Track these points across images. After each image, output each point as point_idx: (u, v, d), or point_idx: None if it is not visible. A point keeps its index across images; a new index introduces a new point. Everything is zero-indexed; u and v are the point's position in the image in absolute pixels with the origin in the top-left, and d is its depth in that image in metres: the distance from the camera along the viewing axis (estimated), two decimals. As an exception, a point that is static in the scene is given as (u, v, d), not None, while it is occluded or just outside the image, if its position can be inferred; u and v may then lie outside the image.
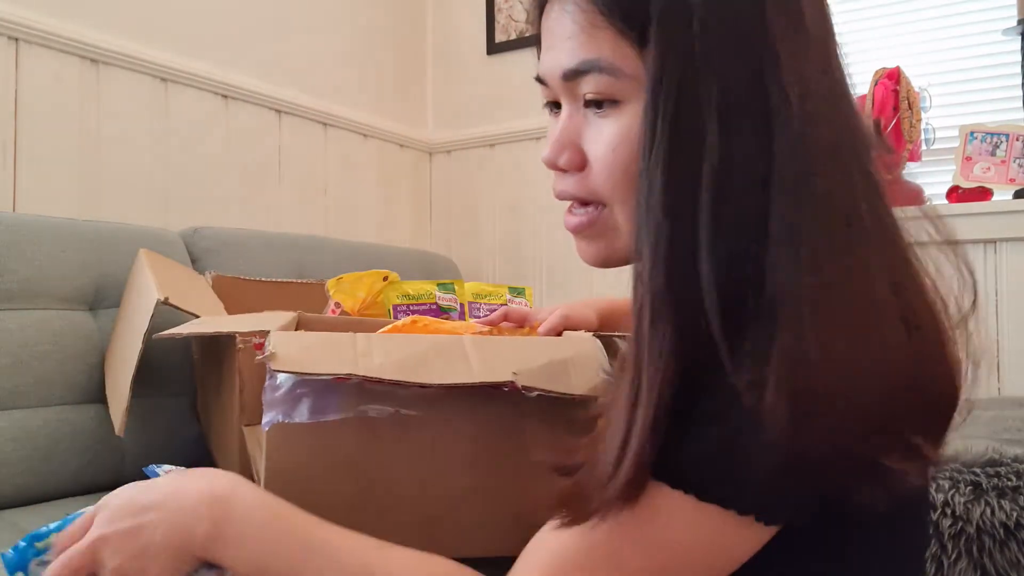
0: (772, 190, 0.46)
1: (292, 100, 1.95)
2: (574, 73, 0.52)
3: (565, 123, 0.55)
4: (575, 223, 0.57)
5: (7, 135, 1.39)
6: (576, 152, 0.54)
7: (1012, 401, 1.46)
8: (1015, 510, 0.99)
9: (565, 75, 0.53)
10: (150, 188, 1.63)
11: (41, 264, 1.17)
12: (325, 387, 0.72)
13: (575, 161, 0.54)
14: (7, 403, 1.09)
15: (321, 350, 0.70)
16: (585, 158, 0.54)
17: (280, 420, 0.71)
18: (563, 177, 0.56)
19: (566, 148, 0.55)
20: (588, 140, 0.54)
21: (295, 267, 1.59)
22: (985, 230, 1.71)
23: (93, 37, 1.51)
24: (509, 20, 2.36)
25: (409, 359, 0.71)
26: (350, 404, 0.73)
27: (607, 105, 0.52)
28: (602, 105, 0.52)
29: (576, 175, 0.55)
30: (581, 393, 0.73)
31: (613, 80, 0.50)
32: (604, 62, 0.50)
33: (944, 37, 1.95)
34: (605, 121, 0.52)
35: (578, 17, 0.51)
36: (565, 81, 0.53)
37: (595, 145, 0.53)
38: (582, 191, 0.55)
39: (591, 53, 0.51)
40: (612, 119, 0.52)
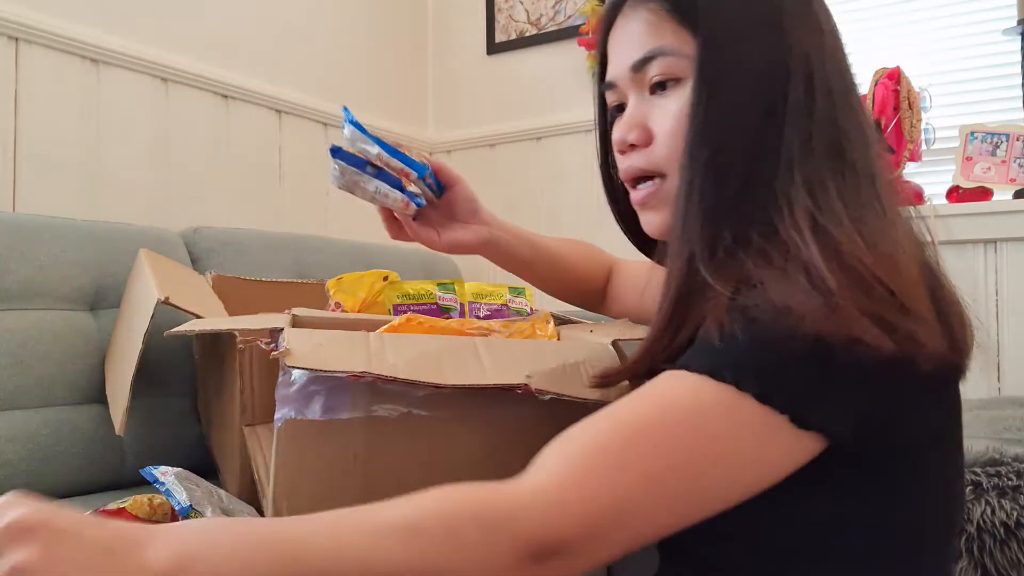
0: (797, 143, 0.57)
1: (292, 100, 1.95)
2: (642, 62, 0.62)
3: (633, 109, 0.64)
4: (642, 196, 0.65)
5: (7, 135, 1.39)
6: (643, 130, 0.63)
7: (1012, 401, 1.46)
8: (1015, 509, 0.99)
9: (634, 66, 0.63)
10: (150, 188, 1.63)
11: (41, 264, 1.17)
12: (338, 385, 0.72)
13: (642, 137, 0.63)
14: (7, 403, 1.09)
15: (334, 348, 0.70)
16: (651, 135, 0.63)
17: (292, 416, 0.71)
18: (629, 155, 0.65)
19: (634, 127, 0.64)
20: (653, 119, 0.63)
21: (295, 267, 1.59)
22: (985, 230, 1.71)
23: (93, 37, 1.51)
24: (509, 20, 2.36)
25: (422, 359, 0.71)
26: (362, 403, 0.73)
27: (670, 84, 0.62)
28: (665, 85, 0.62)
29: (642, 151, 0.64)
30: (593, 397, 0.73)
31: (676, 60, 0.61)
32: (667, 47, 0.61)
33: (944, 37, 1.95)
34: (668, 100, 0.62)
35: (644, 19, 0.62)
36: (634, 72, 0.63)
37: (659, 121, 0.62)
38: (647, 164, 0.64)
39: (656, 42, 0.61)
40: (673, 97, 0.61)
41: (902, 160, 1.78)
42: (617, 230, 0.80)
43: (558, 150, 2.25)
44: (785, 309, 0.48)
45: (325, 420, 0.72)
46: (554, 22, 2.29)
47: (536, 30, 2.32)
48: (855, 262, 0.50)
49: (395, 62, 2.35)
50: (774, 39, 0.59)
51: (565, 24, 2.26)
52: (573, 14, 2.25)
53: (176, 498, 0.75)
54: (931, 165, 1.92)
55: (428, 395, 0.73)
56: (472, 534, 0.45)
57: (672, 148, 0.61)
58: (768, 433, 0.49)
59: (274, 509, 0.72)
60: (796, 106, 0.58)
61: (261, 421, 1.00)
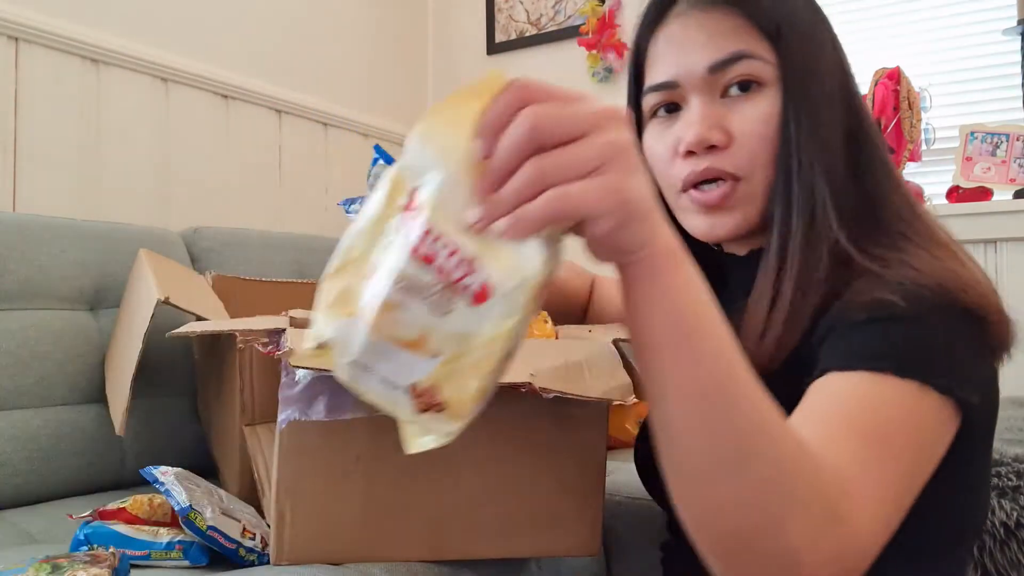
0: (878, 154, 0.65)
1: (292, 100, 1.95)
2: (723, 63, 0.62)
3: (705, 110, 0.63)
4: (716, 196, 0.63)
5: (7, 135, 1.39)
6: (723, 132, 0.63)
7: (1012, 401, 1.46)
8: (1015, 510, 0.99)
9: (713, 67, 0.63)
10: (150, 188, 1.63)
11: (41, 264, 1.17)
12: (342, 385, 0.72)
13: (724, 139, 0.63)
14: (7, 403, 1.09)
15: None
16: (731, 136, 0.63)
17: (296, 418, 0.71)
18: (704, 156, 0.63)
19: (715, 127, 0.63)
20: (733, 121, 0.63)
21: (295, 267, 1.59)
22: (985, 230, 1.71)
23: (93, 37, 1.51)
24: (509, 20, 2.36)
25: None
26: (366, 404, 0.73)
27: (754, 87, 0.63)
28: (749, 87, 0.63)
29: (721, 152, 0.63)
30: (597, 396, 0.73)
31: (762, 64, 0.62)
32: (752, 52, 0.62)
33: (944, 37, 1.95)
34: (750, 103, 0.63)
35: (721, 22, 0.63)
36: (711, 74, 0.63)
37: (742, 123, 0.63)
38: (729, 165, 0.63)
39: (741, 45, 0.62)
40: (756, 100, 0.63)
41: (902, 160, 1.78)
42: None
43: (558, 150, 2.24)
44: (942, 280, 0.55)
45: (328, 421, 0.71)
46: (554, 22, 2.29)
47: (536, 30, 2.32)
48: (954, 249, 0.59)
49: (395, 62, 2.35)
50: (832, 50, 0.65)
51: (565, 24, 2.26)
52: (573, 14, 2.25)
53: (176, 498, 0.75)
54: (931, 165, 1.92)
55: None
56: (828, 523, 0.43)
57: (755, 151, 0.62)
58: (943, 416, 0.53)
59: (276, 510, 0.72)
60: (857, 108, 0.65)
61: (261, 421, 1.00)
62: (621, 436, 1.36)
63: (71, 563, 0.64)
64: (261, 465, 0.93)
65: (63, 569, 0.63)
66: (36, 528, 0.99)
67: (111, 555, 0.66)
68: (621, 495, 1.05)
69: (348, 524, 0.73)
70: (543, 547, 0.80)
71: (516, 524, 0.77)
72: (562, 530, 0.78)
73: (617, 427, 1.37)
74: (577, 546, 0.79)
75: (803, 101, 0.62)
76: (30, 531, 0.98)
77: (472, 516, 0.76)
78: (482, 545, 0.77)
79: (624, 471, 1.08)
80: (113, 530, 0.77)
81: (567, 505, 0.78)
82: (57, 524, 0.99)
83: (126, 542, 0.76)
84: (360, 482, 0.73)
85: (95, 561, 0.65)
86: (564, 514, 0.78)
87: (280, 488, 0.72)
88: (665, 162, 0.66)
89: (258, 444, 0.97)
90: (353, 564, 0.73)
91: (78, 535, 0.77)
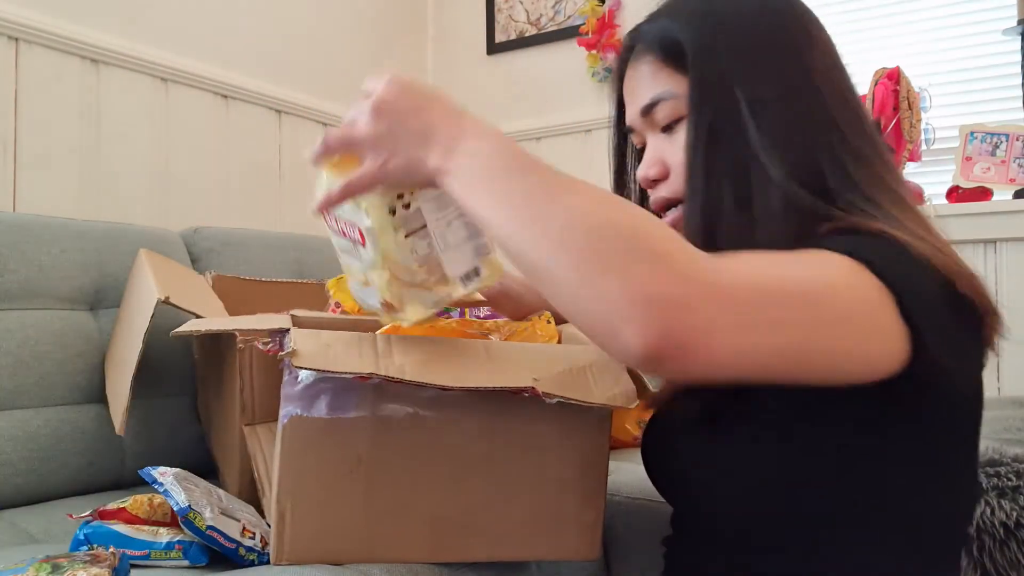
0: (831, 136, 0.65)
1: (292, 100, 1.95)
2: (648, 108, 0.70)
3: (650, 149, 0.72)
4: (670, 220, 0.71)
5: (7, 135, 1.39)
6: (661, 165, 0.71)
7: (1012, 401, 1.46)
8: (1015, 510, 0.99)
9: (643, 111, 0.71)
10: (150, 188, 1.63)
11: (41, 264, 1.17)
12: (345, 385, 0.72)
13: (661, 171, 0.71)
14: (8, 403, 1.09)
15: (342, 348, 0.70)
16: (667, 168, 0.71)
17: (298, 414, 0.71)
18: (655, 189, 0.72)
19: (654, 164, 0.71)
20: (668, 154, 0.70)
21: (295, 267, 1.59)
22: (985, 230, 1.71)
23: (93, 37, 1.51)
24: (509, 20, 2.36)
25: (429, 361, 0.71)
26: (368, 403, 0.73)
27: (675, 124, 0.69)
28: (672, 126, 0.69)
29: (663, 183, 0.71)
30: (600, 402, 0.73)
31: (675, 103, 0.68)
32: (666, 93, 0.68)
33: (944, 37, 1.95)
34: (676, 136, 0.69)
35: (645, 70, 0.70)
36: (643, 117, 0.71)
37: (672, 156, 0.70)
38: (669, 192, 0.71)
39: (656, 90, 0.69)
40: (678, 133, 0.69)
41: (902, 160, 1.78)
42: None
43: (558, 150, 2.25)
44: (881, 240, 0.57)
45: (330, 419, 0.72)
46: (554, 22, 2.29)
47: (536, 30, 2.32)
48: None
49: (395, 62, 2.35)
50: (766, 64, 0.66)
51: (565, 24, 2.26)
52: (573, 14, 2.25)
53: (175, 499, 0.75)
54: (931, 165, 1.92)
55: (434, 396, 0.73)
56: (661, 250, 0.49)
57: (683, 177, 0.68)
58: (884, 304, 0.53)
59: (277, 508, 0.72)
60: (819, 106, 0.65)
61: (261, 421, 1.00)
62: (621, 436, 1.36)
63: (71, 563, 0.64)
64: (261, 465, 0.93)
65: (63, 569, 0.63)
66: (36, 528, 0.99)
67: (111, 555, 0.66)
68: (621, 495, 1.05)
69: (349, 524, 0.73)
70: (543, 551, 0.80)
71: (517, 528, 0.77)
72: (563, 535, 0.78)
73: (618, 427, 1.37)
74: (578, 551, 0.79)
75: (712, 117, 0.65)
76: (30, 531, 0.98)
77: (474, 519, 0.76)
78: (482, 548, 0.77)
79: (624, 471, 1.08)
80: (113, 530, 0.77)
81: (568, 510, 0.78)
82: (57, 524, 0.99)
83: (126, 542, 0.76)
84: (361, 482, 0.73)
85: (95, 561, 0.65)
86: (565, 519, 0.78)
87: (281, 488, 0.72)
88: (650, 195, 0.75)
89: (258, 444, 0.97)
90: (353, 564, 0.73)
91: (78, 535, 0.77)
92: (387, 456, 0.74)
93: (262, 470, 0.93)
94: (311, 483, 0.72)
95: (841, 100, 0.66)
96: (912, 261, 0.56)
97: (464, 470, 0.76)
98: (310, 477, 0.72)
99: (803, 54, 0.66)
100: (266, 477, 0.91)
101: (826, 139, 0.64)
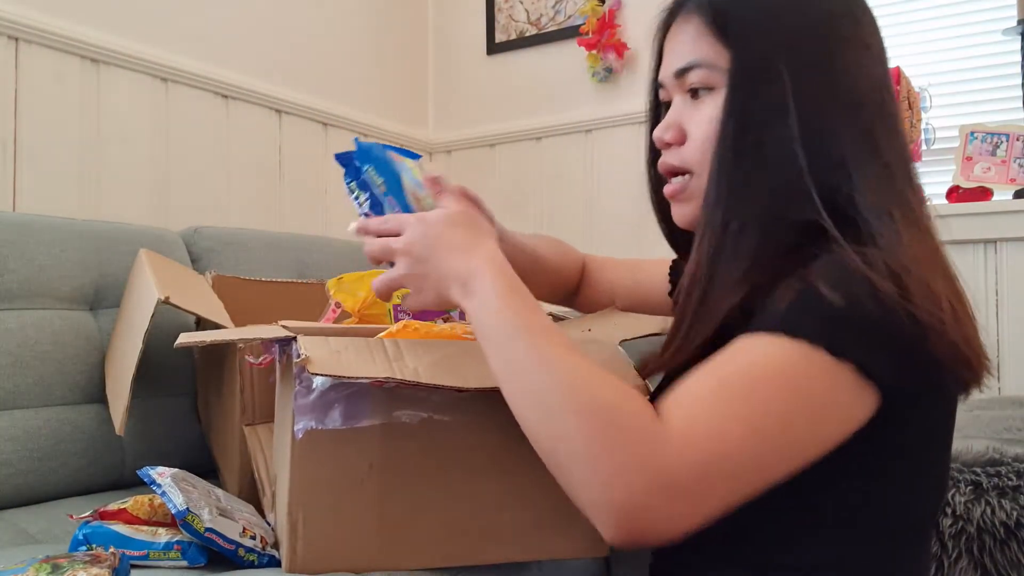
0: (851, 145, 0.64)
1: (292, 100, 1.95)
2: (682, 72, 0.70)
3: (673, 110, 0.72)
4: (672, 189, 0.73)
5: (7, 135, 1.39)
6: (678, 130, 0.71)
7: (1012, 401, 1.46)
8: (1015, 510, 0.99)
9: (676, 73, 0.70)
10: (150, 188, 1.63)
11: (41, 264, 1.17)
12: (358, 392, 0.71)
13: (676, 137, 0.71)
14: (7, 403, 1.09)
15: (353, 354, 0.69)
16: (684, 135, 0.70)
17: (313, 427, 0.70)
18: (667, 152, 0.72)
19: (670, 127, 0.71)
20: (688, 121, 0.70)
21: (295, 267, 1.59)
22: (985, 230, 1.71)
23: (93, 37, 1.51)
24: (509, 20, 2.36)
25: (442, 363, 0.71)
26: (383, 409, 0.72)
27: (703, 92, 0.69)
28: (699, 93, 0.69)
29: (675, 149, 0.71)
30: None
31: (708, 72, 0.68)
32: (704, 60, 0.68)
33: (944, 37, 1.95)
34: (702, 105, 0.69)
35: (690, 30, 0.70)
36: (676, 78, 0.71)
37: (692, 124, 0.70)
38: (677, 161, 0.71)
39: (696, 54, 0.69)
40: (705, 103, 0.68)
41: (902, 160, 1.77)
42: (612, 229, 0.82)
43: (558, 150, 2.25)
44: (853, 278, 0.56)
45: (343, 429, 0.71)
46: (554, 22, 2.29)
47: (536, 30, 2.32)
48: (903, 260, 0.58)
49: (395, 62, 2.35)
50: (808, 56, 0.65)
51: (565, 24, 2.26)
52: (573, 14, 2.25)
53: (172, 501, 0.75)
54: (931, 165, 1.92)
55: (447, 399, 0.73)
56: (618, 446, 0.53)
57: (701, 151, 0.68)
58: (839, 384, 0.56)
59: (289, 519, 0.72)
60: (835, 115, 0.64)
61: (261, 421, 1.00)
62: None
63: (71, 563, 0.63)
64: (261, 465, 0.93)
65: (63, 569, 0.63)
66: (36, 528, 0.99)
67: (111, 555, 0.66)
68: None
69: (362, 533, 0.73)
70: (556, 551, 0.80)
71: (529, 529, 0.77)
72: (574, 533, 0.78)
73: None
74: (589, 548, 0.79)
75: (756, 104, 0.64)
76: (30, 531, 0.98)
77: (487, 522, 0.76)
78: (496, 550, 0.77)
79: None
80: (111, 530, 0.77)
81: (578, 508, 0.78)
82: (57, 524, 0.99)
83: (124, 542, 0.76)
84: (374, 490, 0.73)
85: (95, 561, 0.65)
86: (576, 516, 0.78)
87: (293, 498, 0.71)
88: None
89: (258, 444, 0.97)
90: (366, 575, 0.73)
91: (77, 535, 0.77)
92: (399, 462, 0.73)
93: (262, 470, 0.93)
94: (324, 492, 0.72)
95: (879, 105, 0.66)
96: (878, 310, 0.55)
97: (477, 473, 0.76)
98: (323, 486, 0.72)
99: (847, 52, 0.65)
100: (266, 477, 0.91)
101: (857, 147, 0.64)
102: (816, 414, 0.56)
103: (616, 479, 0.53)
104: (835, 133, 0.63)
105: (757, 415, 0.55)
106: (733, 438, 0.54)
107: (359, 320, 1.13)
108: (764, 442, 0.55)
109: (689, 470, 0.53)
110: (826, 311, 0.55)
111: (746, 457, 0.54)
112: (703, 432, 0.54)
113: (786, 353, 0.56)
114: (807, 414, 0.56)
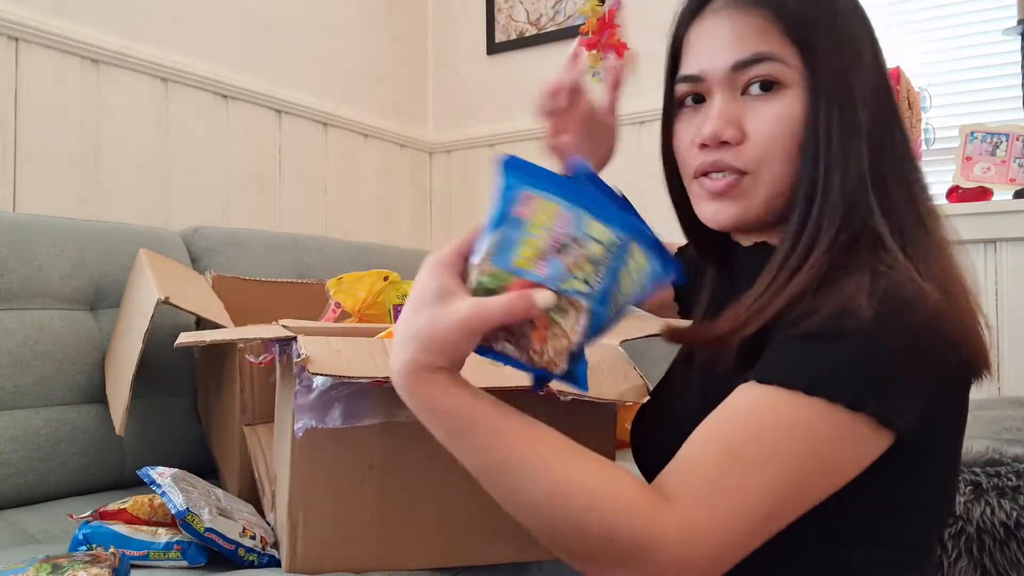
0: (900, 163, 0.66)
1: (292, 100, 1.95)
2: (746, 63, 0.64)
3: (724, 107, 0.66)
4: (722, 185, 0.66)
5: (7, 135, 1.39)
6: (738, 129, 0.65)
7: (1012, 401, 1.46)
8: (1015, 510, 0.99)
9: (736, 65, 0.65)
10: (150, 188, 1.63)
11: (41, 264, 1.17)
12: (358, 392, 0.71)
13: (737, 136, 0.65)
14: (7, 403, 1.09)
15: (353, 354, 0.69)
16: (745, 134, 0.65)
17: (313, 426, 0.70)
18: (716, 151, 0.66)
19: (730, 124, 0.65)
20: (749, 120, 0.65)
21: (295, 267, 1.59)
22: (985, 230, 1.71)
23: (93, 37, 1.51)
24: (509, 20, 2.36)
25: None
26: (382, 409, 0.72)
27: (775, 87, 0.64)
28: (771, 87, 0.64)
29: (732, 148, 0.65)
30: (612, 398, 0.73)
31: (783, 67, 0.64)
32: (775, 54, 0.64)
33: (944, 37, 1.95)
34: (768, 103, 0.64)
35: (754, 23, 0.65)
36: (733, 72, 0.65)
37: (757, 123, 0.65)
38: (738, 161, 0.65)
39: (765, 47, 0.64)
40: (775, 101, 0.64)
41: (902, 160, 1.77)
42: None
43: (558, 150, 2.24)
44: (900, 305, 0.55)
45: (343, 429, 0.71)
46: (554, 22, 2.29)
47: (536, 30, 2.32)
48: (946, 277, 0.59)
49: (395, 62, 2.35)
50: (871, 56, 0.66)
51: (565, 24, 2.26)
52: (573, 14, 2.25)
53: (172, 501, 0.75)
54: (931, 165, 1.91)
55: None
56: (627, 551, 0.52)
57: (766, 149, 0.64)
58: (856, 436, 0.55)
59: (289, 519, 0.72)
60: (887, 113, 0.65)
61: (261, 421, 1.00)
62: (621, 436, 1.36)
63: (71, 563, 0.64)
64: (261, 464, 0.93)
65: (63, 569, 0.63)
66: (36, 528, 0.99)
67: (111, 555, 0.66)
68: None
69: (362, 532, 0.73)
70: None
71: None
72: None
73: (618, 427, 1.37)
74: None
75: (833, 105, 0.63)
76: (30, 531, 0.98)
77: (487, 522, 0.76)
78: (496, 550, 0.77)
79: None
80: (111, 530, 0.77)
81: None
82: (57, 524, 0.99)
83: (124, 542, 0.76)
84: (374, 490, 0.73)
85: (95, 561, 0.65)
86: None
87: (293, 498, 0.71)
88: (686, 149, 0.69)
89: (258, 444, 0.97)
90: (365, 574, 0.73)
91: (77, 535, 0.77)
92: (399, 462, 0.74)
93: (262, 470, 0.93)
94: (323, 492, 0.72)
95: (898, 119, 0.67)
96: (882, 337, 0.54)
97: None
98: (322, 486, 0.72)
99: (880, 54, 0.67)
100: (266, 477, 0.91)
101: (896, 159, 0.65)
102: (834, 468, 0.55)
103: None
104: (885, 140, 0.64)
105: (772, 483, 0.53)
106: (747, 510, 0.53)
107: (359, 320, 1.13)
108: (781, 506, 0.54)
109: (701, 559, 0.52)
110: (845, 359, 0.54)
111: (762, 518, 0.54)
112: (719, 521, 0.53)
113: (802, 415, 0.54)
114: (824, 469, 0.55)
